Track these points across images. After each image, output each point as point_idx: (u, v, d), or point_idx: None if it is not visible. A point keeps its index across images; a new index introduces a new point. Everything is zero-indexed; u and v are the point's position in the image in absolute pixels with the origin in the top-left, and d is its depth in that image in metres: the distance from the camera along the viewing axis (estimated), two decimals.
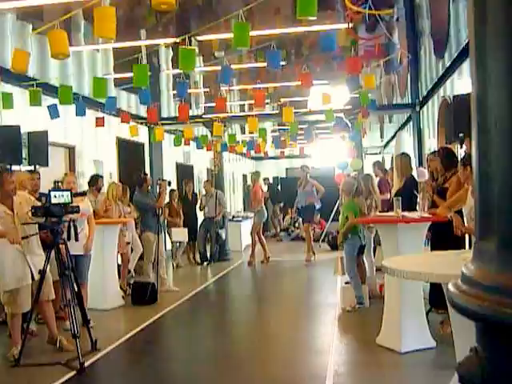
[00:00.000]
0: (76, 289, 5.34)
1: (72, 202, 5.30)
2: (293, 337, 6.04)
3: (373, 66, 12.82)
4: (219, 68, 7.32)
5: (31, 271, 5.22)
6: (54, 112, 8.21)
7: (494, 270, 0.87)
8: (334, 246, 11.76)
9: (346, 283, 7.22)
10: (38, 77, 8.83)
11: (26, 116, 8.31)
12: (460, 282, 0.94)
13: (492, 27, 0.92)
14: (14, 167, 7.50)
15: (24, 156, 7.96)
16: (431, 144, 11.39)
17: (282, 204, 18.96)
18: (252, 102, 10.82)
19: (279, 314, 7.18)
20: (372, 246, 8.04)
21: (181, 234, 11.26)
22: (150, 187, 9.14)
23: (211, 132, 12.74)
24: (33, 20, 8.40)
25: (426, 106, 12.15)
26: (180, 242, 11.72)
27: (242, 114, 16.61)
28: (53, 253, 5.22)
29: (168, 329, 6.83)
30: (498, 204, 0.90)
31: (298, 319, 6.73)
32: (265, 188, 20.93)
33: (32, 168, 7.93)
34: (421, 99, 12.50)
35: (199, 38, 9.41)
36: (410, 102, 13.29)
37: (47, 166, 8.31)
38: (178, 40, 7.10)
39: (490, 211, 0.92)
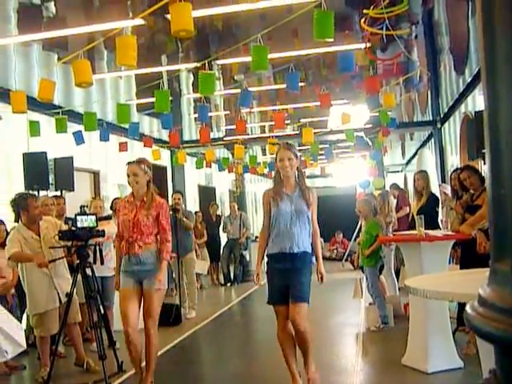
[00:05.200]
0: (102, 311, 5.42)
1: (97, 226, 5.40)
2: (317, 357, 5.99)
3: (392, 84, 12.86)
4: (239, 91, 7.42)
5: (58, 294, 5.32)
6: (78, 138, 8.40)
7: (509, 292, 0.90)
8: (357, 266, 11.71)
9: (370, 304, 7.19)
10: (64, 104, 9.05)
11: (52, 142, 8.49)
12: (477, 303, 0.97)
13: (501, 53, 0.96)
14: (42, 192, 7.67)
15: (51, 181, 8.15)
16: (454, 161, 11.33)
17: None
18: (272, 123, 10.91)
19: None
20: (393, 264, 8.00)
21: (201, 266, 11.18)
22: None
23: (232, 154, 12.86)
24: (58, 50, 8.63)
25: (447, 123, 12.13)
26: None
27: (262, 135, 16.73)
28: (79, 276, 5.31)
29: (193, 350, 6.84)
30: None
31: (321, 339, 6.70)
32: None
33: (58, 193, 8.09)
34: (442, 116, 12.49)
35: (219, 61, 9.55)
36: (430, 119, 13.27)
37: (73, 190, 8.48)
38: (198, 64, 7.23)
39: (503, 233, 0.95)
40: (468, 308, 0.99)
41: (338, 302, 9.27)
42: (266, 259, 4.49)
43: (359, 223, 8.66)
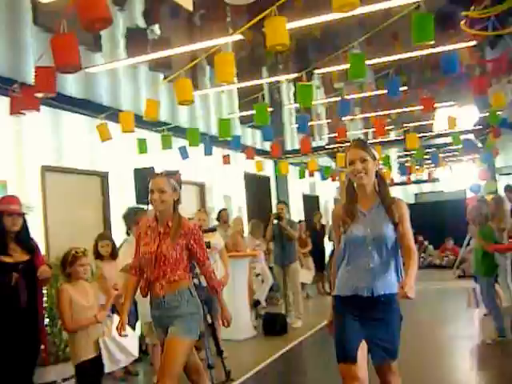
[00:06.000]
0: (209, 321, 5.57)
1: None
2: (428, 371, 5.80)
3: (503, 82, 12.20)
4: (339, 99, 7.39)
5: None
6: (183, 153, 8.74)
7: None
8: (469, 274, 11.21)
9: (485, 315, 6.85)
10: (170, 121, 9.45)
11: (160, 157, 8.88)
12: None
13: None
14: (150, 206, 8.03)
15: None
16: None
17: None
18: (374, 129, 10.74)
19: (413, 347, 6.94)
20: (510, 273, 7.57)
21: (306, 275, 11.14)
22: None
23: (335, 162, 12.79)
24: (163, 69, 9.03)
25: None
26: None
27: None
28: None
29: (299, 360, 6.85)
30: None
31: (432, 352, 6.47)
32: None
33: None
34: None
35: (318, 71, 9.54)
36: None
37: (179, 203, 8.80)
38: (297, 75, 7.29)
39: None
40: None
41: (449, 313, 8.90)
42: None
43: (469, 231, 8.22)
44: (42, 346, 4.60)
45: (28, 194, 6.48)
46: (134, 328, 5.93)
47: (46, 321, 5.48)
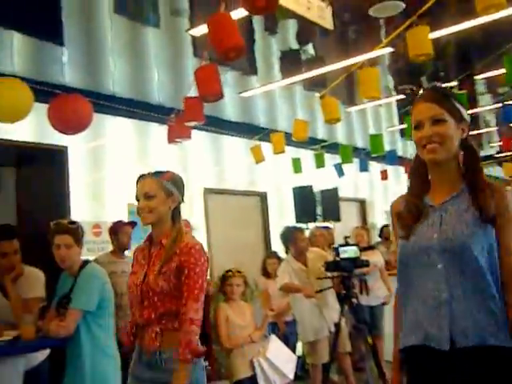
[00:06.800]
0: (370, 341, 5.40)
1: (360, 257, 5.44)
2: None
3: None
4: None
5: (328, 324, 5.48)
6: (339, 170, 8.68)
7: None
8: None
9: None
10: (327, 138, 9.46)
11: (318, 174, 8.90)
12: None
13: None
14: (310, 224, 8.07)
15: (318, 213, 8.55)
16: None
17: None
18: None
19: None
20: None
21: None
22: None
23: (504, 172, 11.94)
24: (318, 88, 9.09)
25: None
26: None
27: None
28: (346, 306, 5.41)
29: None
30: None
31: None
32: None
33: (326, 224, 8.42)
34: None
35: (478, 76, 8.96)
36: None
37: (339, 220, 8.75)
38: (453, 83, 6.92)
39: None
40: None
41: None
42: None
43: None
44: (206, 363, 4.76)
45: (192, 216, 6.85)
46: (294, 349, 5.93)
47: None
